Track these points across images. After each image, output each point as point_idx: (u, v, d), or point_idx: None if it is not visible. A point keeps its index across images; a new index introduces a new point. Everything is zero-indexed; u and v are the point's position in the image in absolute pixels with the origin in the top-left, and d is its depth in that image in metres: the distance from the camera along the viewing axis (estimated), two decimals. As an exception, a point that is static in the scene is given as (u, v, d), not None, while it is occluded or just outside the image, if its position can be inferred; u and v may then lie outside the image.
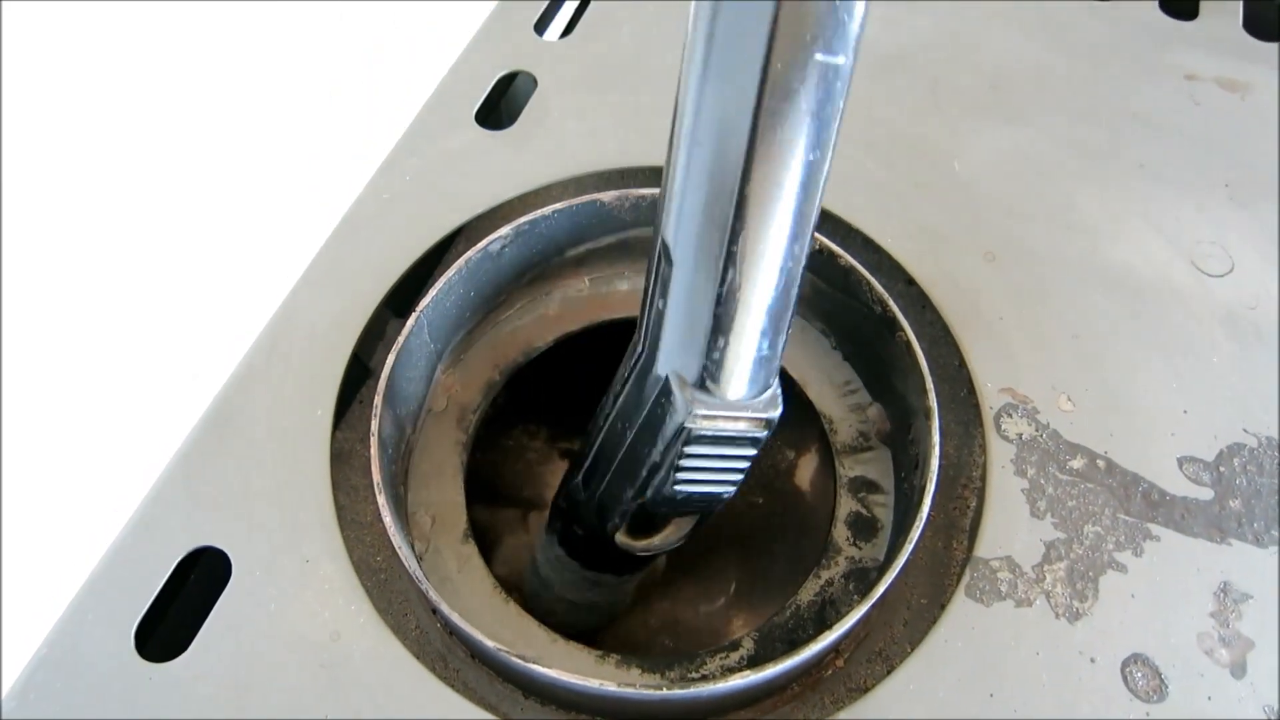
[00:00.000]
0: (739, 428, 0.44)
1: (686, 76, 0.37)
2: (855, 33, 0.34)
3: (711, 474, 0.47)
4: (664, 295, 0.42)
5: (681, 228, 0.40)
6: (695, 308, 0.41)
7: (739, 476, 0.48)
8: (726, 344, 0.42)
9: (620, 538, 0.52)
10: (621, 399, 0.48)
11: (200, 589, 0.50)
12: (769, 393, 0.45)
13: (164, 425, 0.55)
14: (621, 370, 0.49)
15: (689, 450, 0.45)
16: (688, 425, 0.43)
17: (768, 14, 0.33)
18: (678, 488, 0.47)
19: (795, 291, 0.42)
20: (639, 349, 0.46)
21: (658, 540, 0.52)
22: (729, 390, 0.43)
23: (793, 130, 0.36)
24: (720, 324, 0.41)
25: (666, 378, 0.44)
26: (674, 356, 0.43)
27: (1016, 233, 0.60)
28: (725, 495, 0.49)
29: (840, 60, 0.35)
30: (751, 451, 0.46)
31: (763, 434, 0.45)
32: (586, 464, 0.51)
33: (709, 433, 0.44)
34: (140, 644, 0.46)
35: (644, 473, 0.47)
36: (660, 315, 0.43)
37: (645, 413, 0.46)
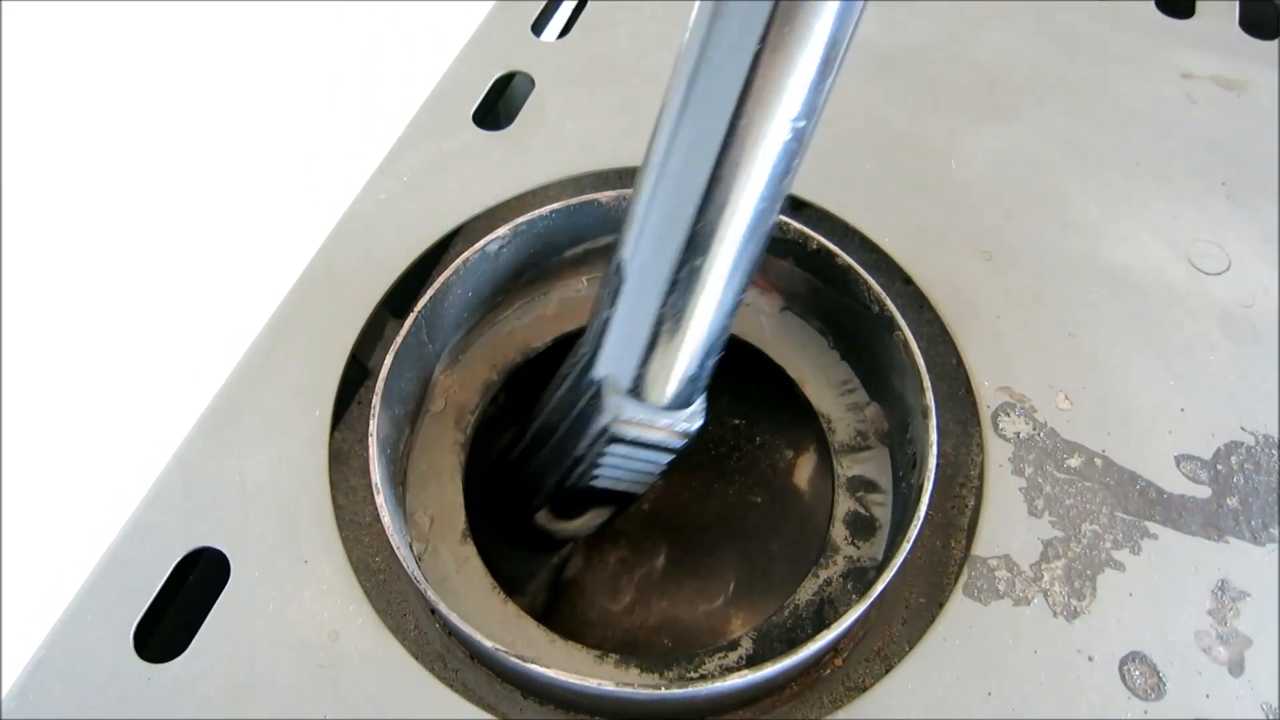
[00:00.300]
0: (658, 436, 0.49)
1: (664, 112, 0.41)
2: (822, 102, 0.38)
3: (628, 472, 0.52)
4: (612, 304, 0.46)
5: (639, 249, 0.44)
6: (637, 322, 0.45)
7: (653, 476, 0.53)
8: (659, 359, 0.46)
9: (540, 518, 0.56)
10: (560, 393, 0.51)
11: (199, 590, 0.50)
12: (692, 407, 0.50)
13: (163, 426, 0.55)
14: (564, 366, 0.52)
15: (610, 449, 0.49)
16: (611, 428, 0.48)
17: (742, 74, 0.36)
18: (596, 481, 0.52)
19: (730, 321, 0.46)
20: (583, 349, 0.49)
21: (576, 524, 0.57)
22: (655, 400, 0.48)
23: (749, 179, 0.40)
24: (656, 340, 0.45)
25: (601, 380, 0.48)
26: (611, 362, 0.47)
27: (1013, 232, 0.61)
28: (638, 491, 0.54)
29: (803, 124, 0.38)
30: (668, 457, 0.51)
31: (679, 443, 0.50)
32: (521, 445, 0.55)
33: (630, 436, 0.48)
34: (139, 644, 0.47)
35: (568, 462, 0.51)
36: (606, 323, 0.47)
37: (578, 409, 0.50)
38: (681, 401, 0.49)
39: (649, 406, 0.48)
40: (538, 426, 0.54)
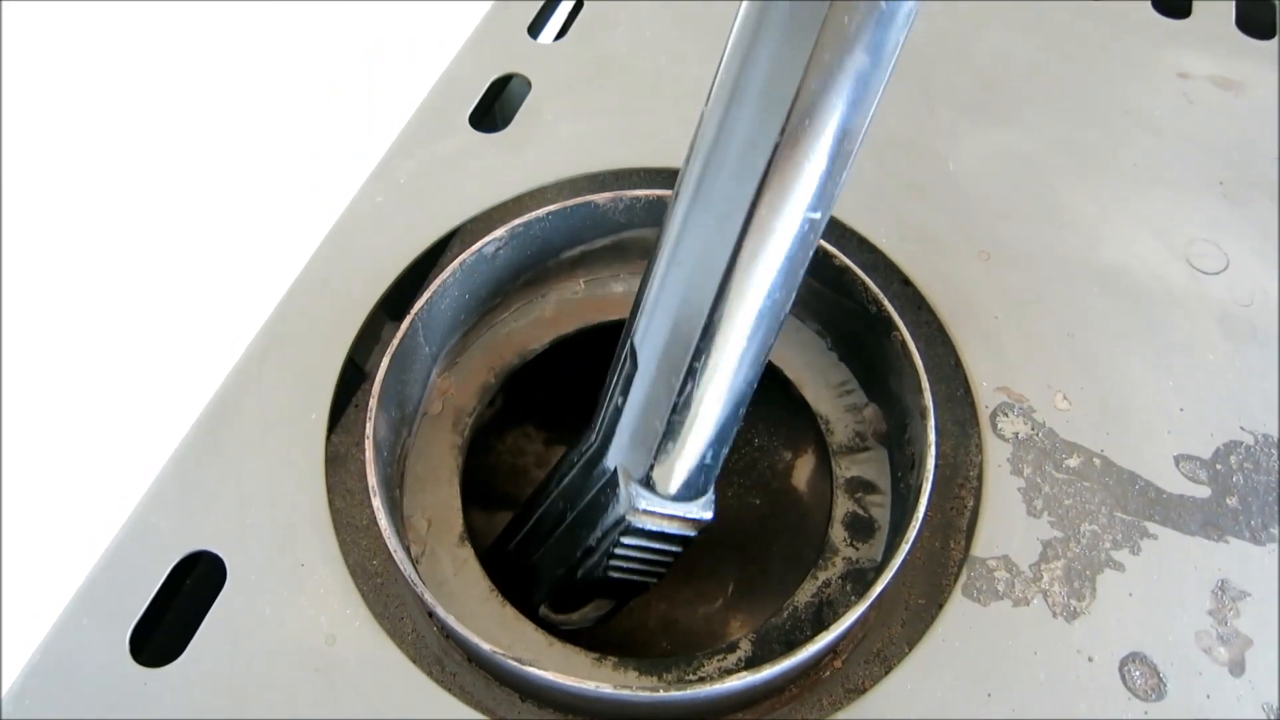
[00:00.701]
0: (674, 527, 0.48)
1: (677, 200, 0.40)
2: (838, 192, 0.38)
3: (641, 564, 0.51)
4: (624, 393, 0.46)
5: (650, 336, 0.43)
6: (651, 411, 0.45)
7: (665, 569, 0.52)
8: (675, 449, 0.46)
9: (543, 610, 0.56)
10: (567, 480, 0.51)
11: (195, 594, 0.50)
12: (705, 496, 0.49)
13: (158, 429, 0.54)
14: (571, 453, 0.52)
15: (625, 540, 0.48)
16: (628, 518, 0.47)
17: (760, 169, 0.36)
18: (609, 572, 0.51)
19: (745, 409, 0.46)
20: (592, 438, 0.49)
21: (576, 617, 0.56)
22: (671, 490, 0.47)
23: (766, 271, 0.39)
24: (672, 430, 0.45)
25: (614, 470, 0.48)
26: (624, 452, 0.47)
27: (1011, 232, 0.60)
28: (650, 584, 0.53)
29: (818, 215, 0.38)
30: (680, 548, 0.51)
31: (693, 534, 0.50)
32: (522, 534, 0.54)
33: (646, 527, 0.48)
34: (135, 649, 0.46)
35: (578, 553, 0.51)
36: (618, 411, 0.46)
37: (588, 498, 0.49)
38: (696, 491, 0.49)
39: (665, 497, 0.47)
40: (540, 515, 0.53)
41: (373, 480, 0.46)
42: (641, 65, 0.70)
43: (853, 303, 0.54)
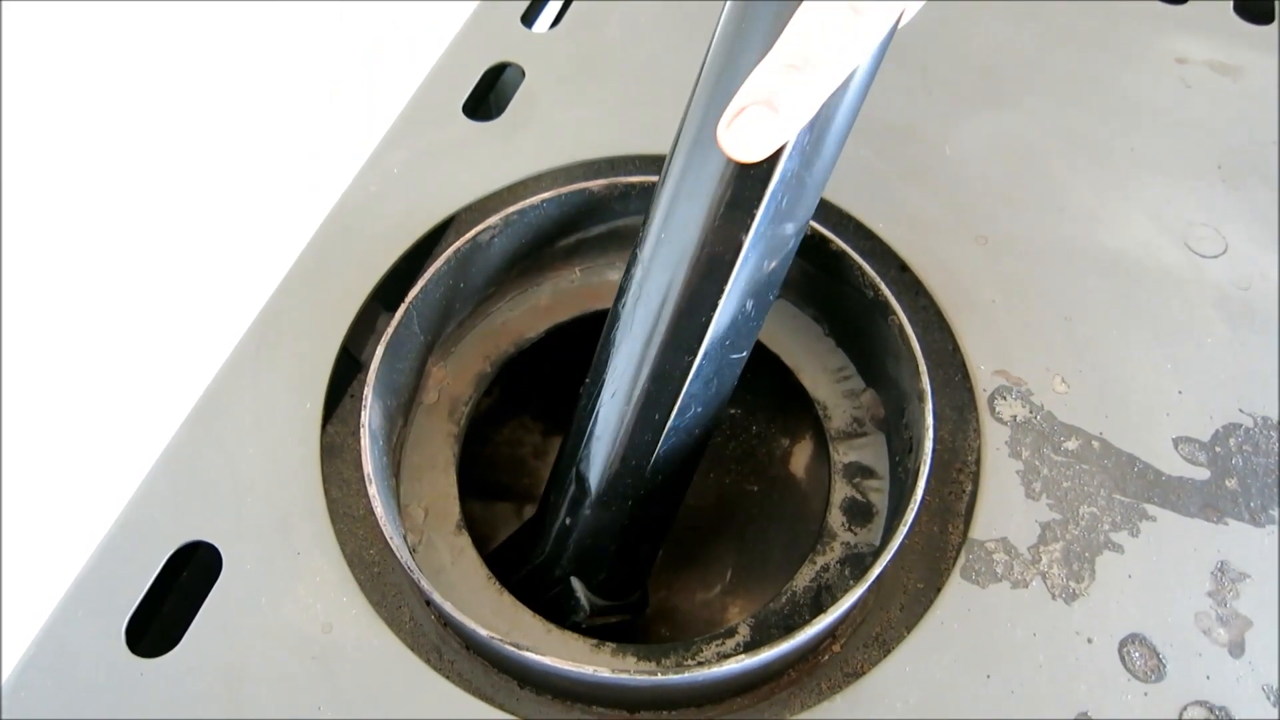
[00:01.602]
0: (615, 617, 0.56)
1: (614, 329, 0.46)
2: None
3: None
4: (572, 515, 0.52)
5: (594, 465, 0.49)
6: (601, 539, 0.52)
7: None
8: (623, 569, 0.55)
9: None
10: (523, 579, 0.56)
11: (191, 584, 0.49)
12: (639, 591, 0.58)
13: (153, 420, 0.54)
14: (528, 553, 0.57)
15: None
16: (584, 618, 0.54)
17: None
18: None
19: (670, 523, 0.55)
20: (543, 547, 0.55)
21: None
22: (619, 596, 0.56)
23: (704, 403, 0.47)
24: (622, 555, 0.53)
25: (568, 580, 0.54)
26: (576, 568, 0.54)
27: (1008, 217, 0.60)
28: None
29: (744, 354, 0.47)
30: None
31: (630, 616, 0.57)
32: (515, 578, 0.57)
33: (605, 616, 0.55)
34: (132, 640, 0.46)
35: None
36: (566, 531, 0.53)
37: (551, 595, 0.55)
38: (636, 588, 0.57)
39: (613, 600, 0.55)
40: (522, 579, 0.57)
41: (368, 468, 0.46)
42: (636, 53, 0.70)
43: (850, 288, 0.53)
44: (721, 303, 0.41)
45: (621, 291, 0.45)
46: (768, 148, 0.36)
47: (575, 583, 0.54)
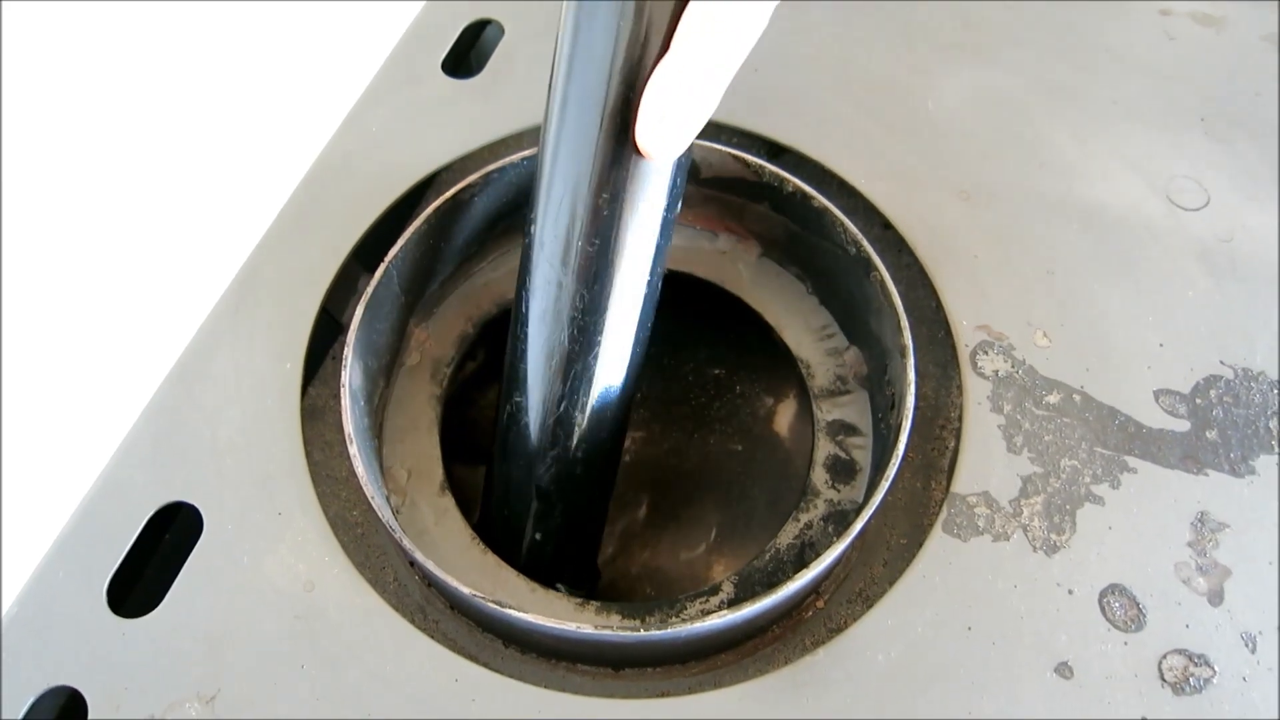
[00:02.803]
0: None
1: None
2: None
3: None
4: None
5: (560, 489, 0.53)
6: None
7: None
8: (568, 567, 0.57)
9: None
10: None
11: (172, 545, 0.49)
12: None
13: (131, 381, 0.54)
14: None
15: None
16: None
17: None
18: None
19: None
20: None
21: None
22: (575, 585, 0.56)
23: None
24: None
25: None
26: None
27: (990, 171, 0.60)
28: None
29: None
30: None
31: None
32: None
33: None
34: (113, 600, 0.46)
35: None
36: (537, 544, 0.55)
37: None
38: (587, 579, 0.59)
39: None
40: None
41: (349, 428, 0.46)
42: (617, 10, 0.69)
43: (832, 244, 0.53)
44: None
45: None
46: (685, 144, 0.38)
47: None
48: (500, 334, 0.60)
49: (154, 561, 0.50)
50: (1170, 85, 0.64)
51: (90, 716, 0.43)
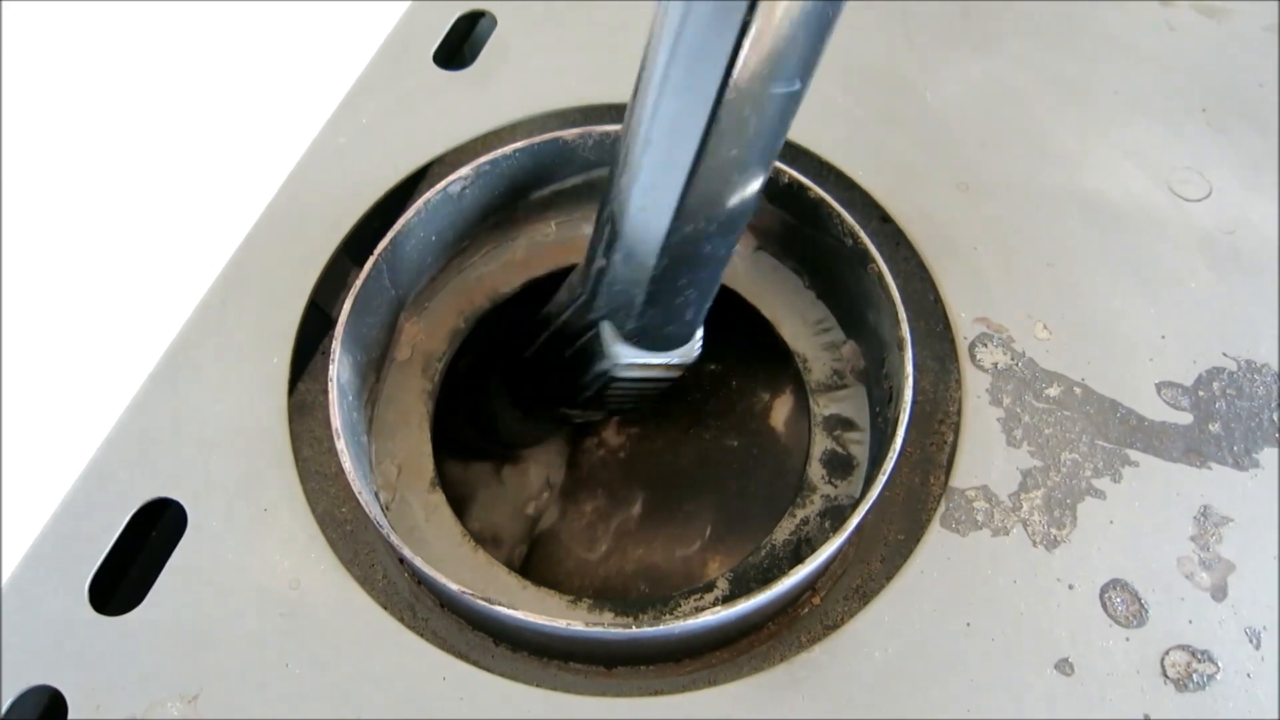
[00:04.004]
0: (658, 372, 0.49)
1: (652, 57, 0.37)
2: (818, 59, 0.37)
3: (632, 398, 0.53)
4: (607, 256, 0.45)
5: (629, 210, 0.42)
6: (633, 278, 0.44)
7: (657, 395, 0.53)
8: (657, 312, 0.46)
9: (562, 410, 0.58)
10: (560, 322, 0.51)
11: (157, 542, 0.48)
12: (690, 343, 0.50)
13: (115, 375, 0.53)
14: (566, 293, 0.51)
15: (613, 386, 0.50)
16: (611, 371, 0.48)
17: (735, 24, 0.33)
18: (606, 404, 0.53)
19: (720, 275, 0.46)
20: (580, 291, 0.49)
21: (589, 412, 0.57)
22: (652, 344, 0.48)
23: (741, 142, 0.38)
24: (652, 298, 0.45)
25: (600, 324, 0.48)
26: (608, 309, 0.47)
27: (990, 163, 0.59)
28: (646, 408, 0.55)
29: (798, 87, 0.37)
30: (669, 383, 0.51)
31: (677, 375, 0.50)
32: (533, 349, 0.54)
33: (630, 376, 0.49)
34: (95, 598, 0.45)
35: (572, 391, 0.52)
36: (601, 272, 0.46)
37: (578, 346, 0.50)
38: (680, 342, 0.49)
39: (647, 350, 0.48)
40: (544, 341, 0.53)
41: (336, 423, 0.45)
42: (609, 1, 0.68)
43: (829, 236, 0.52)
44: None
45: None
46: None
47: (606, 326, 0.48)
48: (492, 329, 0.59)
49: (137, 559, 0.49)
50: (1172, 76, 0.63)
51: (70, 716, 0.42)
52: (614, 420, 0.65)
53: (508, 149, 0.53)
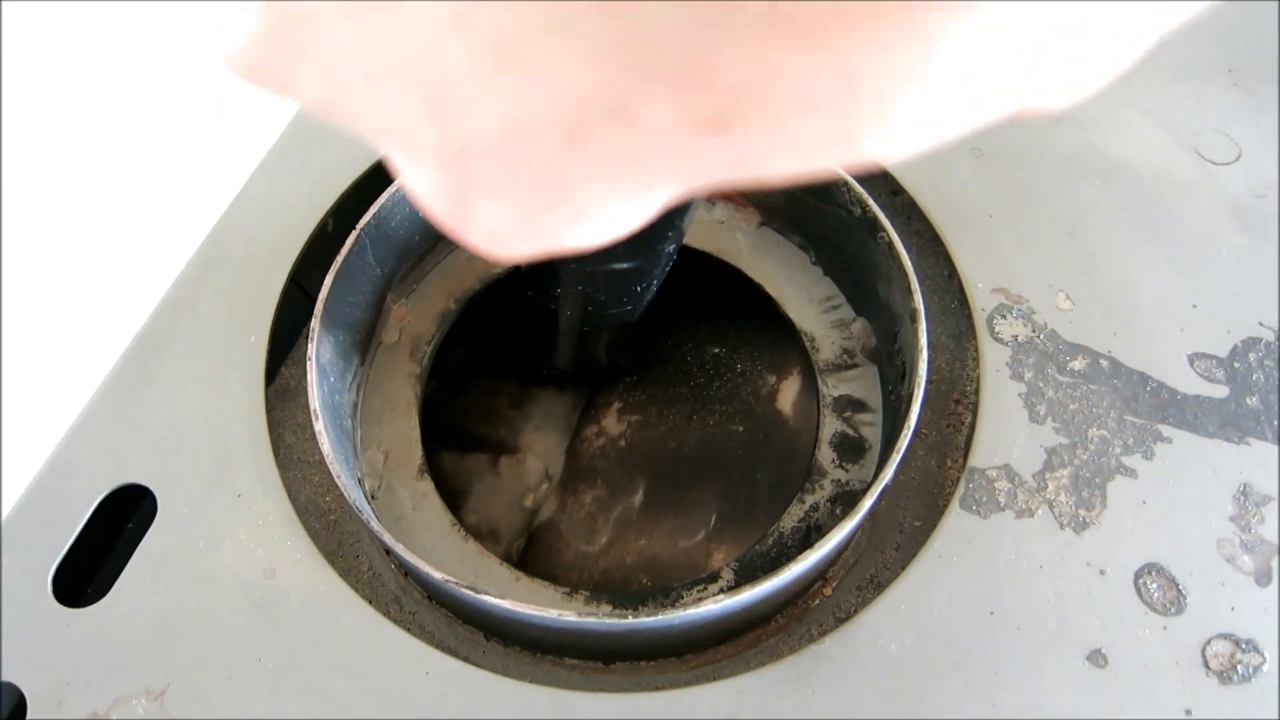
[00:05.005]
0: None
1: None
2: None
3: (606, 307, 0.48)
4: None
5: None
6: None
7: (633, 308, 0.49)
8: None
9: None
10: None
11: (125, 530, 0.46)
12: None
13: (86, 356, 0.50)
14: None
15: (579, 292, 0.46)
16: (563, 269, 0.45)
17: None
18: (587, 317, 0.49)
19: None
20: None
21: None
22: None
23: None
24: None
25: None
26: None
27: (1004, 127, 0.56)
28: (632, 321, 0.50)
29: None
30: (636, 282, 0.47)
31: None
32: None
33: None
34: (60, 589, 0.43)
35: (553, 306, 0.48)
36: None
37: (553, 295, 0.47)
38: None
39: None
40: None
41: (315, 404, 0.43)
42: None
43: (836, 206, 0.50)
44: None
45: None
46: None
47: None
48: (484, 311, 0.56)
49: (107, 548, 0.46)
50: (1197, 35, 0.60)
51: (29, 715, 0.40)
52: (614, 407, 0.62)
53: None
